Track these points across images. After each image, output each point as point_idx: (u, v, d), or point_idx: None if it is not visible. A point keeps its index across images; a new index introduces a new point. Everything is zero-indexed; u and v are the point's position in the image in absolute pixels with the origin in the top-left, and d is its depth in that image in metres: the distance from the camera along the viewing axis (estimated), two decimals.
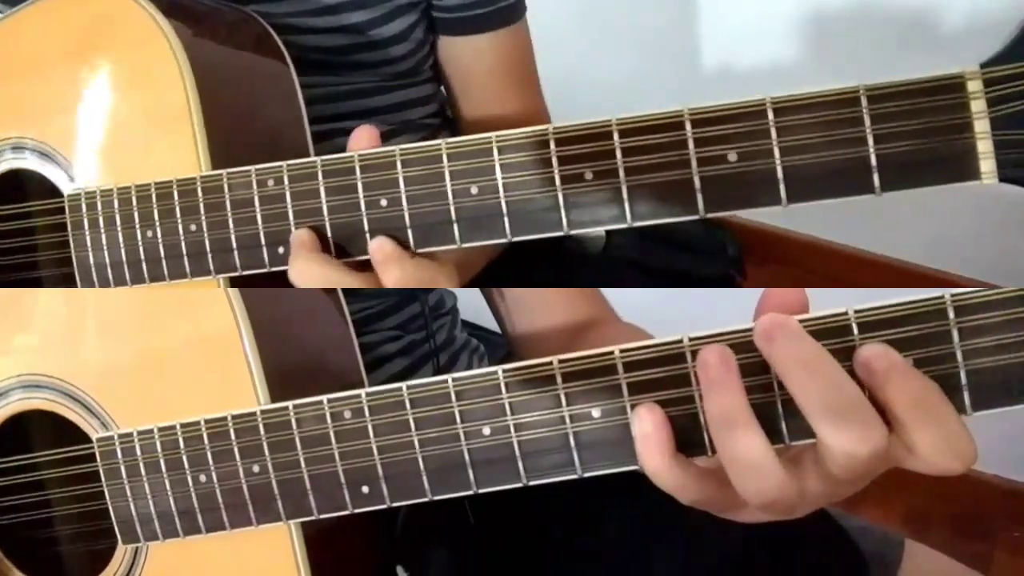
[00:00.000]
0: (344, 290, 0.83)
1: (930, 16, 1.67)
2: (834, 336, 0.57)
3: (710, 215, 0.64)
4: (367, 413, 0.67)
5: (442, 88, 1.09)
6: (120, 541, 0.77)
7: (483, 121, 1.05)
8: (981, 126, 0.59)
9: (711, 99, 0.65)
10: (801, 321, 0.58)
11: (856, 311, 0.57)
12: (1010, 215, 1.73)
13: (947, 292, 0.56)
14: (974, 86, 0.59)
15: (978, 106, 0.59)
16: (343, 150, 0.73)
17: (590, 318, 0.98)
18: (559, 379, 0.62)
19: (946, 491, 1.80)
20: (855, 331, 0.57)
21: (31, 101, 0.83)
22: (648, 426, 0.59)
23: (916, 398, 0.55)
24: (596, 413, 0.62)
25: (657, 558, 0.88)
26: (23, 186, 0.85)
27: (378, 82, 0.98)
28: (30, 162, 0.83)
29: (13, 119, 0.84)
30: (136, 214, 0.77)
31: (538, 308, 0.98)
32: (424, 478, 0.66)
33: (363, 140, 0.71)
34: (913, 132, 0.60)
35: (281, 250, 0.73)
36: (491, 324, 1.06)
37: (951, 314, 0.56)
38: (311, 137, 0.83)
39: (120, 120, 0.80)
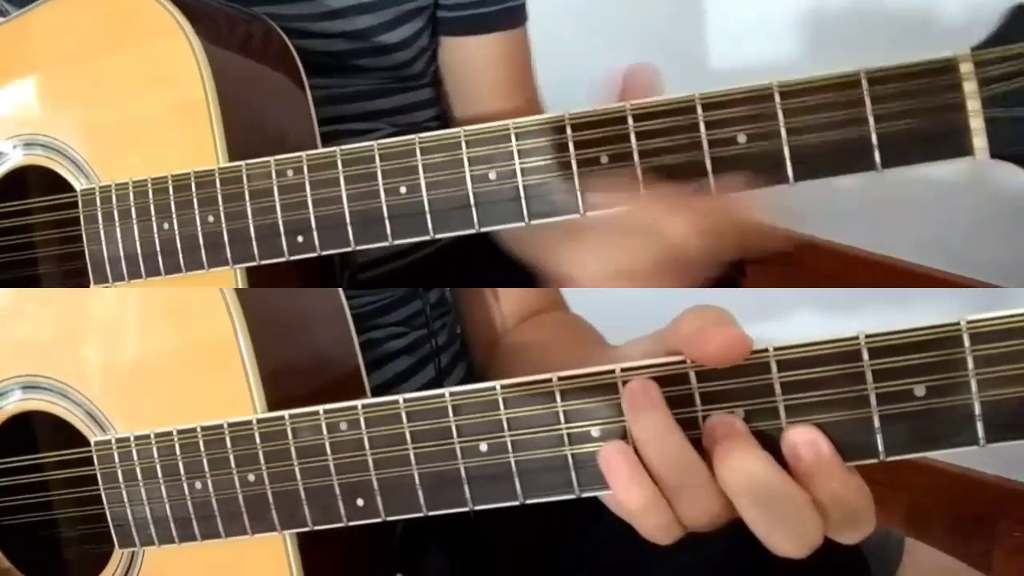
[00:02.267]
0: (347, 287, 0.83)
1: (928, 16, 1.70)
2: (844, 361, 0.57)
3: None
4: (363, 425, 0.67)
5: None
6: (116, 545, 0.78)
7: (477, 118, 1.08)
8: (973, 105, 0.64)
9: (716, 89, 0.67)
10: (809, 345, 0.57)
11: (867, 336, 0.56)
12: (1010, 215, 1.74)
13: (963, 319, 0.55)
14: (966, 68, 0.64)
15: (970, 87, 0.64)
16: None
17: (539, 308, 1.02)
18: (558, 396, 0.62)
19: (946, 491, 1.81)
20: (865, 357, 0.56)
21: (46, 97, 0.85)
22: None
23: (836, 489, 0.57)
24: (596, 433, 0.61)
25: (656, 559, 0.85)
26: (35, 182, 0.86)
27: (382, 85, 1.00)
28: (44, 158, 0.85)
29: (28, 114, 0.86)
30: (152, 206, 0.79)
31: (491, 297, 1.01)
32: (419, 493, 0.66)
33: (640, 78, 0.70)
34: (910, 112, 0.65)
35: (300, 239, 0.75)
36: None
37: (966, 341, 0.55)
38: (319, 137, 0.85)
39: (136, 116, 0.81)
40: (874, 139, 0.65)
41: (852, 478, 0.58)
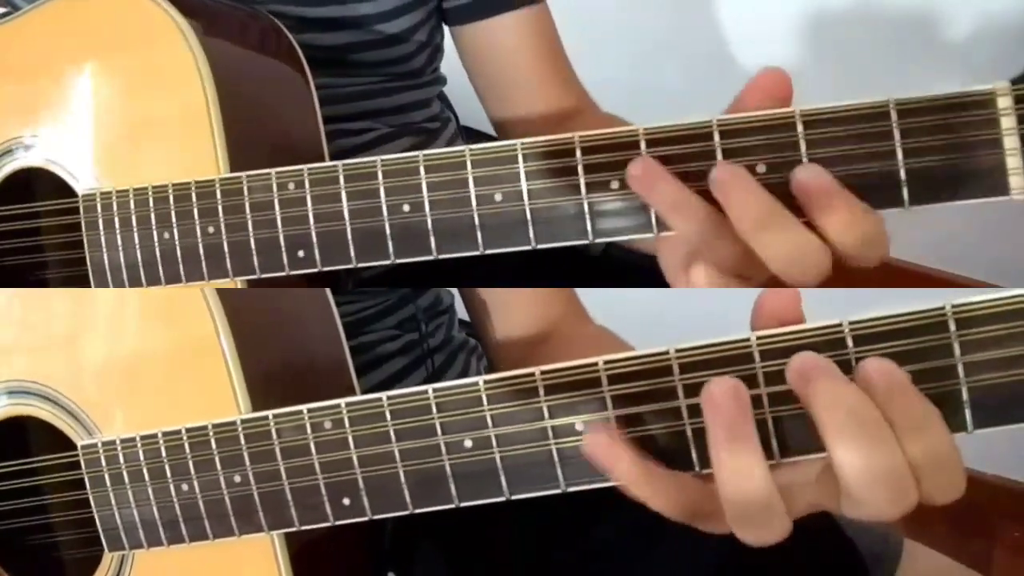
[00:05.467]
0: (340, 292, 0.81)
1: (932, 18, 1.67)
2: (827, 349, 0.54)
3: None
4: (347, 424, 0.65)
5: (442, 91, 1.07)
6: (106, 548, 0.75)
7: (521, 108, 1.01)
8: (1011, 142, 0.58)
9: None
10: (794, 333, 0.55)
11: (851, 323, 0.54)
12: (1010, 215, 1.71)
13: (948, 303, 0.53)
14: (1004, 102, 0.58)
15: (1008, 122, 0.58)
16: (344, 153, 0.73)
17: (561, 320, 0.96)
18: (541, 391, 0.60)
19: None
20: (850, 344, 0.54)
21: (47, 100, 0.82)
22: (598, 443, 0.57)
23: (916, 424, 0.53)
24: (580, 427, 0.59)
25: (654, 558, 0.87)
26: (37, 186, 0.83)
27: (381, 83, 0.96)
28: (44, 161, 0.82)
29: (28, 117, 0.82)
30: (153, 215, 0.76)
31: (510, 310, 0.96)
32: (405, 491, 0.64)
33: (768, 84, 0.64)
34: (943, 147, 0.59)
35: (301, 253, 0.72)
36: None
37: (952, 326, 0.53)
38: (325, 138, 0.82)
39: (137, 120, 0.78)
40: (903, 175, 0.60)
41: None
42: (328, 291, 0.79)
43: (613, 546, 0.90)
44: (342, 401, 0.65)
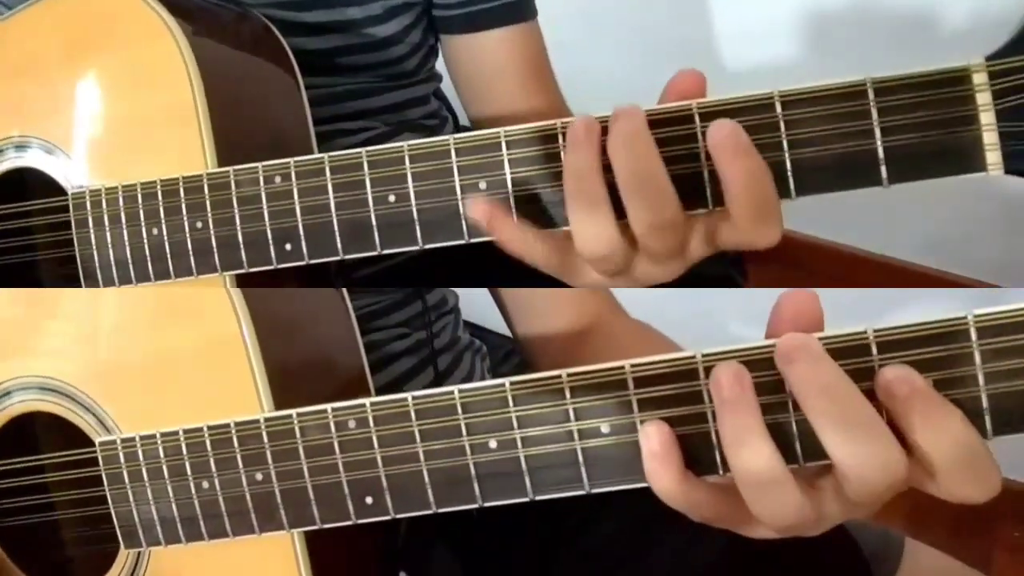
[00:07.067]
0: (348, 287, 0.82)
1: (931, 17, 1.67)
2: (852, 356, 0.55)
3: (719, 208, 0.63)
4: (371, 423, 0.65)
5: (439, 88, 1.07)
6: (122, 545, 0.76)
7: (500, 119, 1.00)
8: (987, 118, 0.59)
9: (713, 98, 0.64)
10: (819, 339, 0.55)
11: (876, 331, 0.55)
12: (1010, 214, 1.70)
13: (970, 312, 0.54)
14: (979, 78, 0.59)
15: (983, 98, 0.59)
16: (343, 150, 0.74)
17: (598, 317, 0.96)
18: (567, 393, 0.60)
19: None
20: (874, 351, 0.55)
21: (36, 99, 0.82)
22: (656, 445, 0.58)
23: (937, 425, 0.54)
24: (605, 429, 0.60)
25: (657, 556, 0.87)
26: (27, 185, 0.83)
27: (376, 83, 0.97)
28: (34, 161, 0.82)
29: (17, 117, 0.83)
30: (141, 212, 0.76)
31: (546, 309, 0.96)
32: (429, 491, 0.65)
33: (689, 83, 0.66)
34: (920, 124, 0.60)
35: (288, 247, 0.72)
36: (492, 325, 1.05)
37: (974, 335, 0.54)
38: (315, 136, 0.83)
39: (125, 118, 0.79)
40: (881, 153, 0.61)
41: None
42: (345, 291, 0.80)
43: (613, 546, 0.90)
44: (367, 401, 0.66)
